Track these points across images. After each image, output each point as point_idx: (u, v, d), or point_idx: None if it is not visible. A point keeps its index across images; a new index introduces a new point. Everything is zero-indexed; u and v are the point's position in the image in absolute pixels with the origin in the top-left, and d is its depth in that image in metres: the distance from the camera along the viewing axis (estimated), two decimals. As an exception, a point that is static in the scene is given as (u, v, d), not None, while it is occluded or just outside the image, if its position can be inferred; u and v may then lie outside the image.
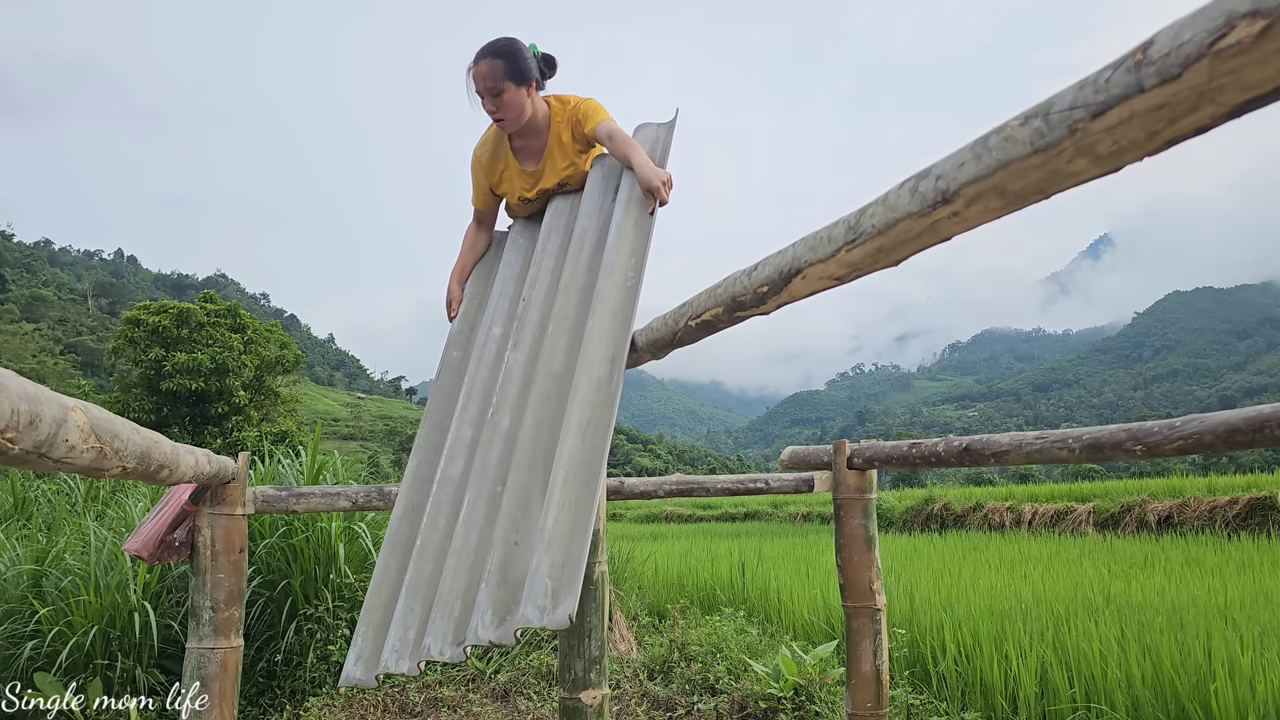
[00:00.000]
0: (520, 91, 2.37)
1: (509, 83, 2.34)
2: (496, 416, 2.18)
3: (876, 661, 2.69)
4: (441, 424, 2.35)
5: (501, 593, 1.81)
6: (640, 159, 2.31)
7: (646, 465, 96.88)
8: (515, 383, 2.23)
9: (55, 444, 0.83)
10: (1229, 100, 0.55)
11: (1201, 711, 3.11)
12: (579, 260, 2.35)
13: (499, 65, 2.33)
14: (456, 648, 1.81)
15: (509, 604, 1.78)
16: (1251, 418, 1.60)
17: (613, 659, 4.95)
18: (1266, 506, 10.12)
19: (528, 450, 2.05)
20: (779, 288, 1.24)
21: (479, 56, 2.35)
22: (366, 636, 2.03)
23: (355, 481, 6.17)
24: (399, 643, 1.94)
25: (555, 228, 2.52)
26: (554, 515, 1.82)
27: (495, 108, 2.37)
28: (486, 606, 1.79)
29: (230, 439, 23.92)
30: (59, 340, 69.64)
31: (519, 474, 2.01)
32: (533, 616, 1.67)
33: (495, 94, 2.35)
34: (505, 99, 2.35)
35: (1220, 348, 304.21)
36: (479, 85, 2.36)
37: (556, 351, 2.19)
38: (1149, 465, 27.97)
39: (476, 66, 2.35)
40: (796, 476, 2.92)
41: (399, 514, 2.23)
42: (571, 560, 1.74)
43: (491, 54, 2.34)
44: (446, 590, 1.92)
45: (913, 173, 0.88)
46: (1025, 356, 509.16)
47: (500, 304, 2.49)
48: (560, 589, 1.70)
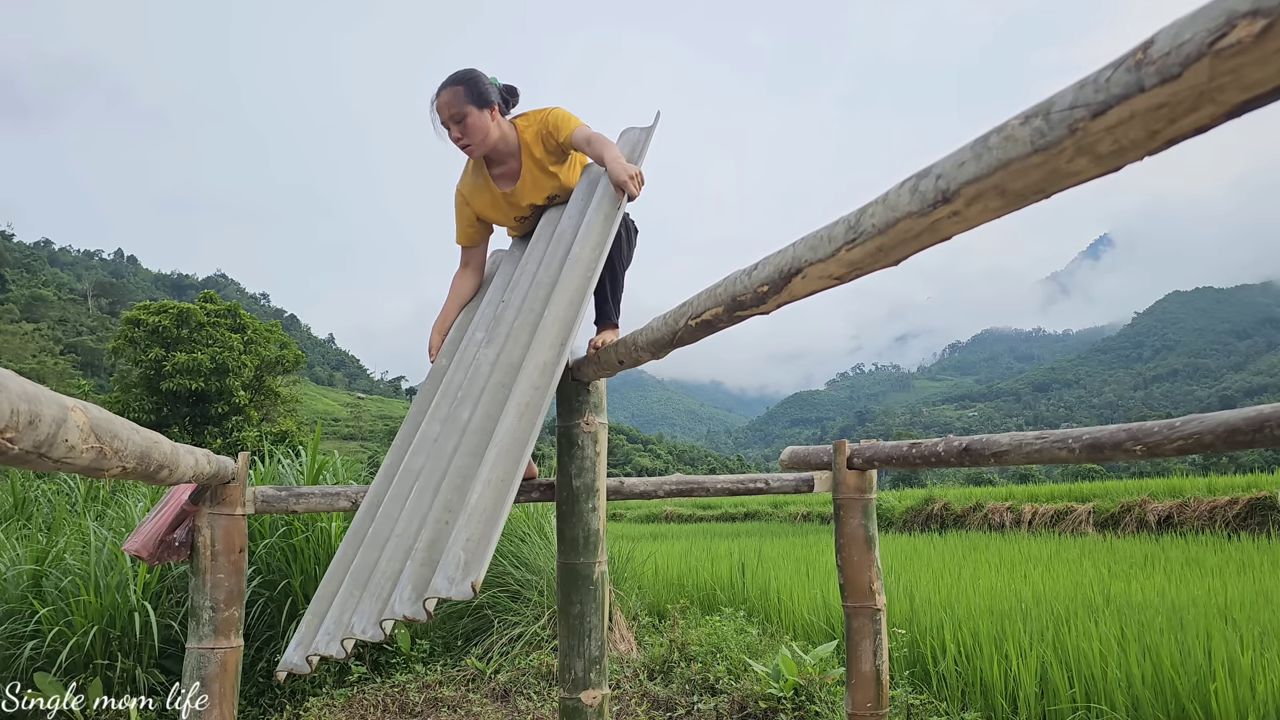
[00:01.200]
0: (483, 115, 2.41)
1: (470, 106, 2.39)
2: (458, 410, 2.21)
3: (876, 661, 2.69)
4: (415, 423, 2.39)
5: (424, 570, 1.81)
6: (612, 155, 2.36)
7: (646, 465, 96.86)
8: (480, 377, 2.25)
9: (55, 444, 0.83)
10: (1229, 100, 0.55)
11: (1201, 711, 3.11)
12: (554, 258, 2.38)
13: (460, 91, 2.38)
14: (374, 626, 1.82)
15: (428, 579, 1.78)
16: (1251, 418, 1.59)
17: (613, 659, 4.95)
18: (1266, 506, 10.11)
19: (473, 438, 2.07)
20: (779, 287, 1.24)
21: (440, 88, 2.40)
22: (310, 624, 2.05)
23: (355, 481, 6.17)
24: (333, 625, 1.95)
25: (542, 235, 2.57)
26: (479, 491, 1.83)
27: (460, 134, 2.41)
28: (407, 582, 1.80)
29: (230, 439, 23.91)
30: (59, 340, 69.63)
31: (461, 459, 2.03)
32: (441, 587, 1.68)
33: (459, 119, 2.39)
34: (469, 123, 2.39)
35: (1220, 348, 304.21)
36: (443, 115, 2.40)
37: (517, 344, 2.22)
38: (1149, 465, 27.97)
39: (438, 98, 2.40)
40: (796, 476, 2.91)
41: (363, 509, 2.25)
42: (487, 534, 1.75)
43: (451, 83, 2.40)
44: (380, 573, 1.93)
45: (913, 172, 0.88)
46: (1025, 356, 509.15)
47: (486, 310, 2.53)
48: (471, 560, 1.71)
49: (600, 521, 2.35)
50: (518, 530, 5.63)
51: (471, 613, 5.26)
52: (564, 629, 2.30)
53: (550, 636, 4.89)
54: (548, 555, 5.34)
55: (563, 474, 2.35)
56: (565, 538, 2.33)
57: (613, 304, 2.54)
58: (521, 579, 5.24)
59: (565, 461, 2.35)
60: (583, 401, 2.35)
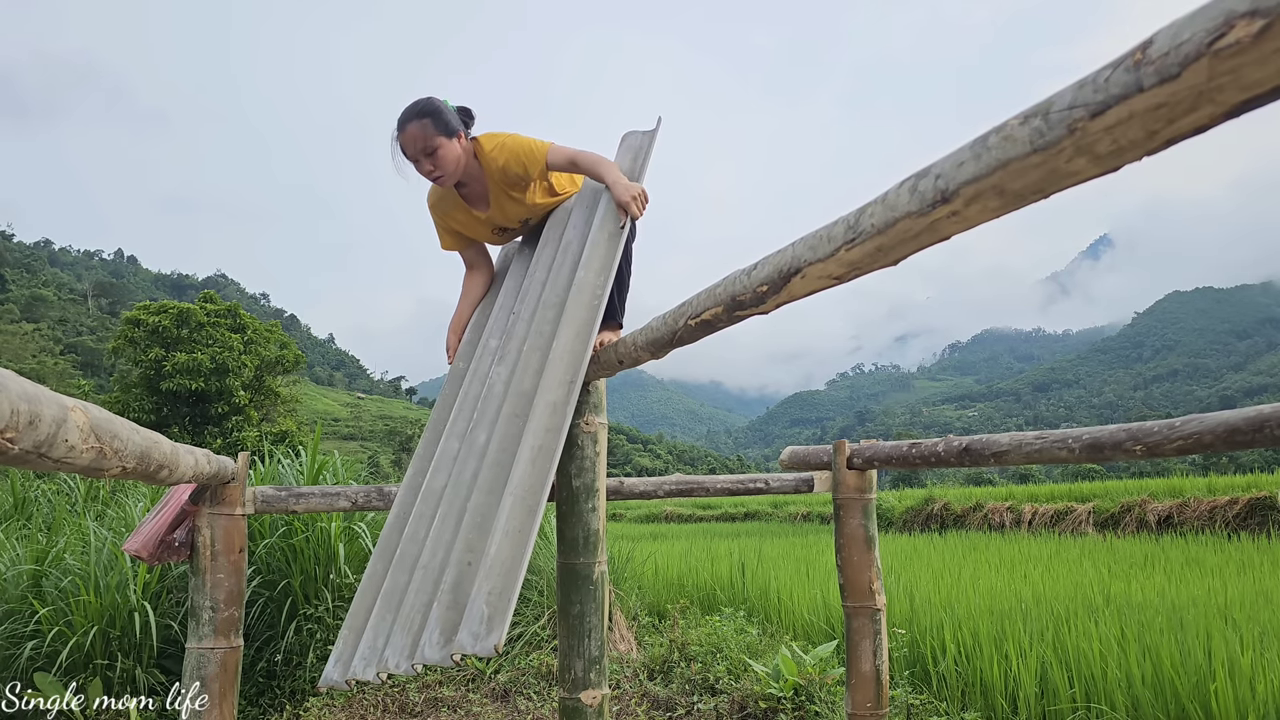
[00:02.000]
0: (452, 144, 2.39)
1: (440, 138, 2.36)
2: (475, 432, 2.24)
3: (876, 661, 2.69)
4: (436, 433, 2.42)
5: (451, 614, 1.87)
6: (613, 176, 2.36)
7: (646, 465, 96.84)
8: (495, 399, 2.28)
9: (55, 444, 0.83)
10: (1228, 100, 0.55)
11: (1201, 711, 3.11)
12: (560, 275, 2.40)
13: (427, 124, 2.34)
14: (408, 663, 1.88)
15: (455, 625, 1.85)
16: (1251, 418, 1.59)
17: (613, 659, 4.95)
18: (1266, 506, 10.11)
19: (490, 472, 2.11)
20: (778, 287, 1.24)
21: (403, 122, 2.36)
22: (347, 640, 2.09)
23: (355, 481, 6.17)
24: (368, 650, 2.00)
25: (549, 241, 2.57)
26: (498, 541, 1.88)
27: (433, 166, 2.38)
28: (435, 626, 1.86)
29: (230, 439, 23.91)
30: (59, 340, 69.63)
31: (480, 495, 2.07)
32: (466, 643, 1.75)
33: (430, 152, 2.35)
34: (440, 155, 2.36)
35: (1220, 348, 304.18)
36: (411, 150, 2.37)
37: (528, 370, 2.24)
38: (1149, 465, 27.97)
39: (404, 132, 2.36)
40: (796, 476, 2.92)
41: (391, 521, 2.29)
42: (508, 588, 1.81)
43: (416, 115, 2.35)
44: (409, 604, 1.98)
45: (912, 172, 0.88)
46: (1025, 356, 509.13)
47: (499, 316, 2.55)
48: (494, 616, 1.76)
49: (600, 521, 2.35)
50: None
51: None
52: (564, 629, 2.30)
53: (550, 636, 4.89)
54: (548, 555, 5.34)
55: (563, 474, 2.35)
56: (565, 538, 2.33)
57: (618, 302, 2.54)
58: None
59: (565, 461, 2.35)
60: (582, 401, 2.35)
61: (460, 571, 1.93)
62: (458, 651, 1.76)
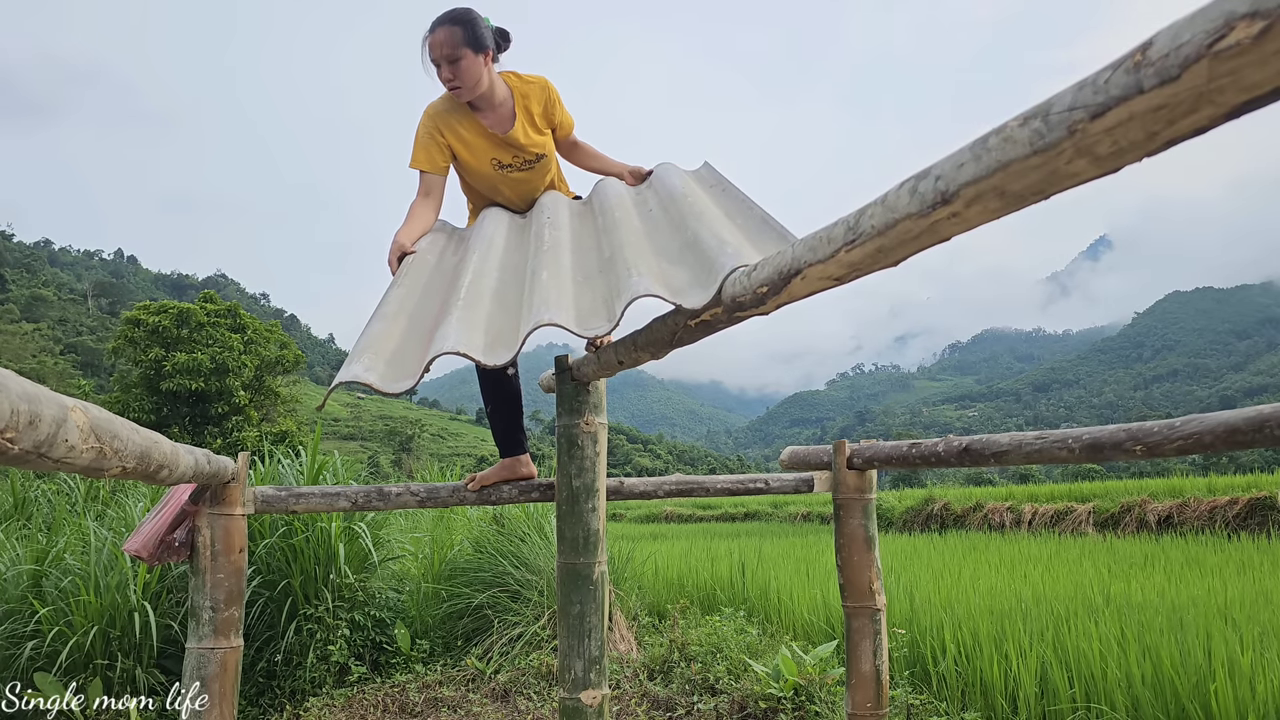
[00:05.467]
0: (478, 60, 2.34)
1: (467, 49, 2.32)
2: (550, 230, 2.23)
3: (876, 661, 2.69)
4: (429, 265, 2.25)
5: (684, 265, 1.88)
6: (621, 165, 2.59)
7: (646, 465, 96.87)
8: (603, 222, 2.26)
9: (55, 444, 0.83)
10: (1228, 101, 0.55)
11: (1201, 711, 3.11)
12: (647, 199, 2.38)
13: (457, 32, 2.31)
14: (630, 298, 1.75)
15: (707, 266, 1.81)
16: (1251, 418, 1.60)
17: (613, 659, 4.95)
18: (1266, 506, 10.11)
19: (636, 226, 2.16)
20: (778, 288, 1.24)
21: (436, 24, 2.33)
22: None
23: (355, 481, 6.17)
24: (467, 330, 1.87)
25: (560, 204, 2.48)
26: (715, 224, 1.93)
27: (452, 75, 2.33)
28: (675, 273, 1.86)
29: (230, 439, 23.91)
30: (59, 340, 69.64)
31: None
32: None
33: (453, 60, 2.32)
34: (463, 65, 2.32)
35: (1220, 348, 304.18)
36: (435, 53, 2.33)
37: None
38: (1149, 465, 27.97)
39: (433, 34, 2.32)
40: (796, 476, 2.92)
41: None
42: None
43: (449, 21, 2.32)
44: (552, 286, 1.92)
45: (912, 173, 0.88)
46: (1025, 356, 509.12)
47: (495, 240, 2.33)
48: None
49: (600, 521, 2.35)
50: (518, 530, 5.63)
51: (471, 613, 5.26)
52: (564, 629, 2.30)
53: (550, 636, 4.89)
54: (548, 555, 5.34)
55: (563, 474, 2.35)
56: (565, 538, 2.33)
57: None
58: (521, 579, 5.24)
59: (565, 461, 2.35)
60: (582, 401, 2.35)
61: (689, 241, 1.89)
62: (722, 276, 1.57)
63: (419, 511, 6.70)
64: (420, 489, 2.58)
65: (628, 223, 2.15)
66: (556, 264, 2.02)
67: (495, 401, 2.67)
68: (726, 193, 2.26)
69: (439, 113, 2.46)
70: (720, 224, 1.94)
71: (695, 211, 2.01)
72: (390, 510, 4.67)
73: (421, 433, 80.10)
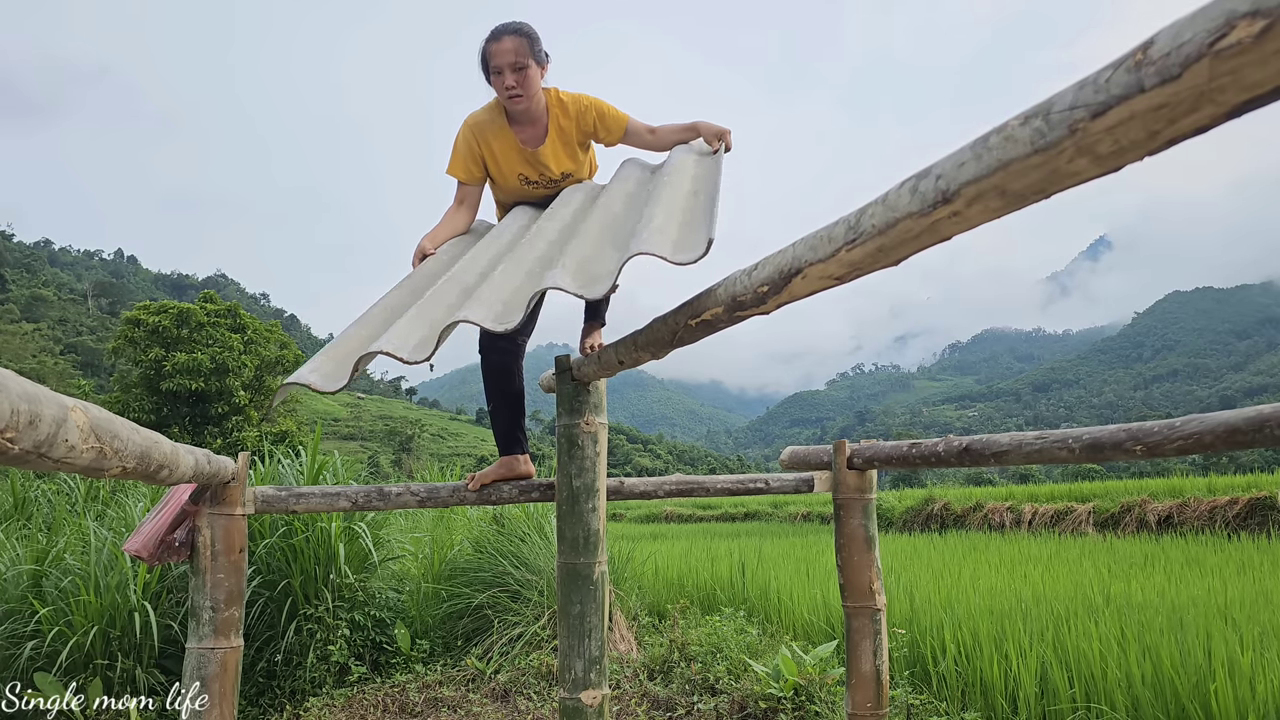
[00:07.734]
0: (538, 71, 2.42)
1: (533, 60, 2.39)
2: (543, 222, 2.31)
3: (876, 661, 2.69)
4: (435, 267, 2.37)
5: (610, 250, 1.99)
6: (700, 125, 2.47)
7: (646, 465, 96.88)
8: (573, 203, 2.39)
9: (55, 444, 0.83)
10: (1229, 100, 0.55)
11: (1201, 711, 3.11)
12: (627, 181, 2.44)
13: (525, 43, 2.38)
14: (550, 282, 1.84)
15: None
16: (1251, 418, 1.60)
17: (613, 659, 4.95)
18: (1266, 506, 10.11)
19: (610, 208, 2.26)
20: (779, 287, 1.24)
21: (502, 33, 2.38)
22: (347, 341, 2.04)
23: (355, 481, 6.17)
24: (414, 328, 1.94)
25: (572, 197, 2.51)
26: (664, 211, 1.98)
27: (517, 83, 2.39)
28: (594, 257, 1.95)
29: (230, 439, 23.91)
30: (59, 340, 69.63)
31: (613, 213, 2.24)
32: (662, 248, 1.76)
33: (520, 69, 2.38)
34: (528, 75, 2.39)
35: (1220, 348, 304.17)
36: (504, 60, 2.38)
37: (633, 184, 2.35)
38: (1149, 465, 27.96)
39: (500, 42, 2.38)
40: (796, 476, 2.92)
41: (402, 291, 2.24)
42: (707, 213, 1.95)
43: (516, 32, 2.39)
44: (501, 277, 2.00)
45: (912, 173, 0.88)
46: (1025, 356, 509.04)
47: (500, 235, 2.45)
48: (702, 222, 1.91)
49: (600, 521, 2.35)
50: (518, 530, 5.63)
51: (471, 613, 5.26)
52: (564, 629, 2.30)
53: (550, 636, 4.89)
54: (548, 555, 5.34)
55: (563, 474, 2.35)
56: (565, 538, 2.33)
57: (604, 299, 2.54)
58: (521, 579, 5.24)
59: (565, 461, 2.35)
60: (583, 401, 2.35)
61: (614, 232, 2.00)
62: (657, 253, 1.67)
63: (419, 511, 6.70)
64: (420, 489, 2.58)
65: (609, 207, 2.29)
66: (536, 246, 2.14)
67: (498, 400, 2.67)
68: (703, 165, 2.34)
69: (478, 124, 2.54)
70: (668, 203, 2.00)
71: (660, 188, 2.11)
72: (390, 510, 4.67)
73: (421, 433, 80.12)
